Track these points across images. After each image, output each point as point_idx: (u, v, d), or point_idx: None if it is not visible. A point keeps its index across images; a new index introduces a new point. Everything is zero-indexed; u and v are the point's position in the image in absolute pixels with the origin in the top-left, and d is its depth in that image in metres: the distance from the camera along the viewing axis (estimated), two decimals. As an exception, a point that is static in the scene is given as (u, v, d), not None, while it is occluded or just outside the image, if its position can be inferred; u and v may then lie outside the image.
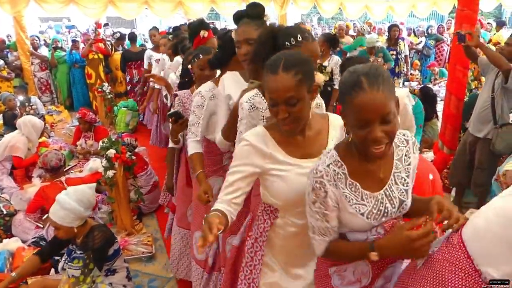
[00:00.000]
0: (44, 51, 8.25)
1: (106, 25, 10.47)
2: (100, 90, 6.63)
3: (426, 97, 4.82)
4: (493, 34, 8.93)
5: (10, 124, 5.33)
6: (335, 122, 1.58)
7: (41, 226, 3.41)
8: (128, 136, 4.41)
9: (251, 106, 1.74)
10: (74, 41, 8.16)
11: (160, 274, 3.13)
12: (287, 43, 1.66)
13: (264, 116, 1.76)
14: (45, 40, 9.28)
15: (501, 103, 3.40)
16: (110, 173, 3.34)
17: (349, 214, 1.29)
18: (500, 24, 9.64)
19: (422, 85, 6.82)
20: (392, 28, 7.15)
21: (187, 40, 3.67)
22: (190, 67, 2.58)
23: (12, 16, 7.30)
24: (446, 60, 8.73)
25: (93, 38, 7.62)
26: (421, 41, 9.15)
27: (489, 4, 10.69)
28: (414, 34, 9.97)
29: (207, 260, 2.38)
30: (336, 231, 1.34)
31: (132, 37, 7.35)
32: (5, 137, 4.41)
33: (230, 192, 1.45)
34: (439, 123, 4.93)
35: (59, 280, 2.51)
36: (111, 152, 3.35)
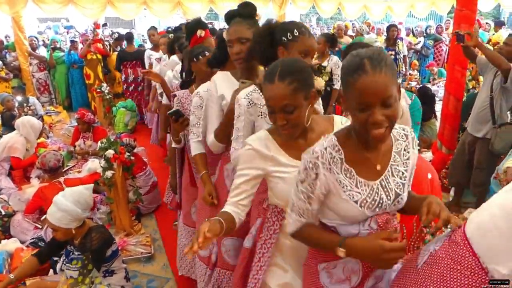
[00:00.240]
0: (43, 52, 8.23)
1: (104, 25, 10.48)
2: (98, 90, 6.63)
3: (425, 97, 4.82)
4: (492, 34, 8.93)
5: (8, 125, 5.33)
6: (340, 123, 1.59)
7: (40, 227, 3.41)
8: (127, 136, 4.40)
9: (249, 102, 1.75)
10: (73, 41, 8.16)
11: (159, 274, 3.12)
12: (284, 38, 1.67)
13: (262, 112, 1.76)
14: (43, 41, 9.27)
15: (500, 103, 3.40)
16: (109, 173, 3.33)
17: (342, 201, 1.27)
18: (499, 24, 9.64)
19: (421, 85, 6.83)
20: (391, 28, 7.15)
21: (183, 39, 3.67)
22: (192, 65, 2.57)
23: (10, 16, 7.29)
24: (445, 60, 8.75)
25: (91, 39, 7.61)
26: (420, 41, 9.16)
27: (487, 4, 10.70)
28: (413, 34, 9.99)
29: (211, 257, 2.38)
30: (314, 215, 1.35)
31: (129, 37, 7.34)
32: (3, 137, 4.41)
33: (237, 194, 1.52)
34: (438, 123, 4.94)
35: (58, 281, 2.51)
36: (110, 152, 3.35)
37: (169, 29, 6.22)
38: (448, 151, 4.30)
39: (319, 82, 1.54)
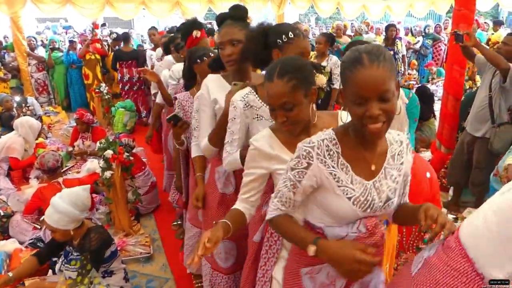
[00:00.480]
0: (41, 52, 8.23)
1: (103, 25, 10.45)
2: (97, 90, 6.63)
3: (424, 96, 4.83)
4: (491, 34, 8.93)
5: (7, 125, 5.33)
6: (346, 119, 1.59)
7: (39, 227, 3.40)
8: (125, 136, 4.39)
9: (245, 104, 1.74)
10: (71, 41, 8.14)
11: (158, 274, 3.12)
12: (279, 40, 1.67)
13: (258, 114, 1.75)
14: (42, 41, 9.25)
15: (499, 102, 3.40)
16: (108, 173, 3.33)
17: (335, 196, 1.26)
18: (498, 24, 9.65)
19: (420, 85, 6.84)
20: (389, 28, 7.16)
21: (179, 39, 3.66)
22: (195, 66, 2.57)
23: (9, 16, 7.28)
24: (444, 59, 8.75)
25: (90, 39, 7.61)
26: (419, 40, 9.17)
27: (486, 3, 10.71)
28: (412, 33, 9.99)
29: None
30: (295, 207, 1.36)
31: (125, 37, 7.35)
32: (2, 138, 4.40)
33: (246, 192, 1.56)
34: (437, 122, 4.94)
35: (56, 282, 2.50)
36: (109, 152, 3.35)
37: (168, 29, 6.22)
38: (447, 150, 4.30)
39: (321, 79, 1.53)
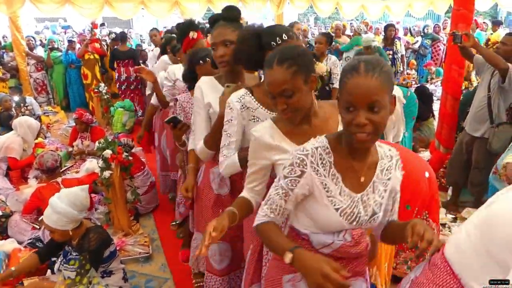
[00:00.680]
0: (40, 52, 8.22)
1: (102, 25, 10.45)
2: (96, 90, 6.61)
3: (423, 96, 4.84)
4: (490, 34, 8.94)
5: (6, 125, 5.32)
6: None
7: (38, 227, 3.39)
8: (124, 136, 4.39)
9: (242, 105, 1.73)
10: (70, 41, 8.12)
11: (157, 274, 3.11)
12: (272, 42, 1.66)
13: (254, 115, 1.74)
14: (41, 41, 9.24)
15: (497, 102, 3.40)
16: (107, 173, 3.32)
17: (323, 206, 1.26)
18: (496, 24, 9.66)
19: (419, 85, 6.84)
20: (388, 28, 7.17)
21: (175, 40, 3.64)
22: (197, 68, 2.55)
23: (7, 16, 7.27)
24: (443, 59, 8.76)
25: (89, 39, 7.60)
26: (417, 40, 9.18)
27: (484, 3, 10.72)
28: (411, 33, 10.00)
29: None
30: (284, 215, 1.34)
31: (122, 37, 7.35)
32: (0, 138, 4.39)
33: (250, 182, 1.59)
34: (436, 122, 4.95)
35: (55, 282, 2.50)
36: (108, 152, 3.34)
37: (167, 30, 6.22)
38: (446, 150, 4.30)
39: (321, 68, 1.52)
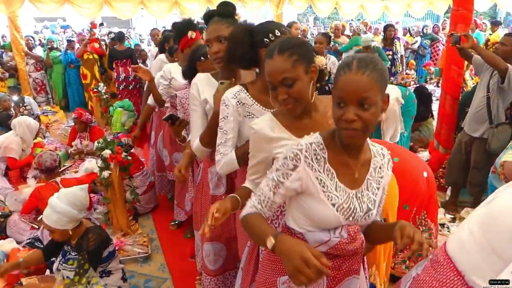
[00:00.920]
0: (39, 51, 8.21)
1: (101, 25, 10.45)
2: (95, 90, 6.61)
3: (422, 96, 4.84)
4: (489, 34, 8.95)
5: (5, 125, 5.31)
6: None
7: (36, 227, 3.39)
8: (124, 136, 4.39)
9: (237, 101, 1.72)
10: (69, 41, 8.13)
11: (156, 274, 3.11)
12: (266, 39, 1.66)
13: (250, 112, 1.74)
14: (40, 40, 9.23)
15: (497, 103, 3.40)
16: (106, 173, 3.32)
17: (319, 202, 1.25)
18: (495, 24, 9.67)
19: (418, 85, 6.84)
20: (388, 28, 7.16)
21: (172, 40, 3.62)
22: (198, 64, 2.53)
23: (6, 16, 7.26)
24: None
25: (88, 38, 7.60)
26: (417, 40, 9.19)
27: (484, 4, 10.73)
28: (410, 33, 10.01)
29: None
30: (271, 210, 1.32)
31: (120, 37, 7.36)
32: (-1, 137, 4.39)
33: (252, 174, 1.60)
34: (435, 122, 4.95)
35: (54, 282, 2.50)
36: (107, 152, 3.34)
37: (166, 30, 6.22)
38: (445, 150, 4.31)
39: (321, 60, 1.52)
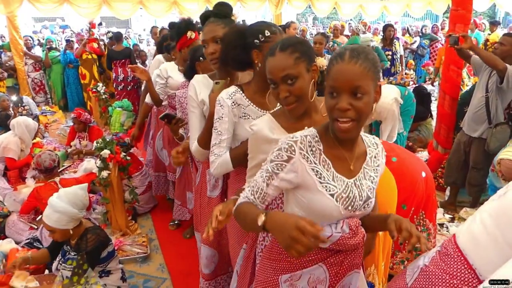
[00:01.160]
0: (38, 51, 8.20)
1: (100, 24, 10.44)
2: (94, 90, 6.60)
3: (421, 96, 4.84)
4: (488, 34, 8.96)
5: (3, 125, 5.30)
6: None
7: (35, 227, 3.39)
8: (125, 136, 4.38)
9: (233, 102, 1.71)
10: (68, 41, 8.12)
11: (155, 274, 3.11)
12: (256, 41, 1.65)
13: (245, 113, 1.73)
14: (38, 40, 9.22)
15: (495, 103, 3.40)
16: (105, 173, 3.32)
17: (317, 193, 1.24)
18: (494, 24, 9.68)
19: (417, 85, 6.84)
20: (387, 28, 7.14)
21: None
22: (197, 64, 2.54)
23: (5, 16, 7.25)
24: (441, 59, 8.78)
25: (87, 38, 7.59)
26: (416, 40, 9.19)
27: (483, 4, 10.74)
28: (409, 33, 10.01)
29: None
30: (264, 202, 1.29)
31: (117, 37, 7.36)
32: (-2, 138, 4.38)
33: (251, 176, 1.56)
34: (434, 122, 4.95)
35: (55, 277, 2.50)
36: (106, 152, 3.33)
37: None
38: (444, 150, 4.31)
39: (321, 61, 1.52)
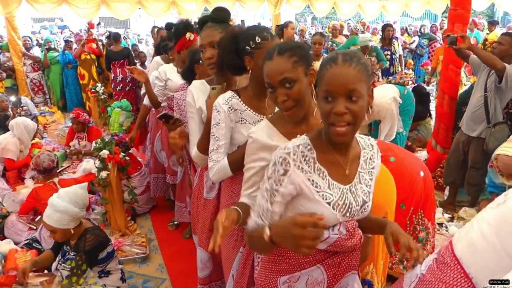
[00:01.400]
0: (36, 52, 8.18)
1: (98, 25, 10.42)
2: (93, 90, 6.60)
3: (420, 96, 4.84)
4: (486, 34, 8.97)
5: (2, 126, 5.29)
6: None
7: (34, 228, 3.38)
8: (125, 136, 4.38)
9: (229, 107, 1.70)
10: (67, 41, 8.11)
11: (155, 275, 3.11)
12: (247, 47, 1.63)
13: (242, 118, 1.72)
14: (37, 40, 9.21)
15: (494, 102, 3.41)
16: (104, 174, 3.32)
17: (314, 202, 1.23)
18: (493, 24, 9.69)
19: (416, 84, 6.85)
20: (386, 28, 7.13)
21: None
22: (196, 67, 2.54)
23: (3, 16, 7.24)
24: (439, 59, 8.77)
25: (85, 39, 7.58)
26: (414, 40, 9.19)
27: (481, 3, 10.75)
28: (407, 33, 10.01)
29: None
30: (273, 219, 1.30)
31: (115, 37, 7.35)
32: (-3, 138, 4.38)
33: (249, 187, 1.53)
34: (433, 122, 4.95)
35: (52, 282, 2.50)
36: (105, 153, 3.33)
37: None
38: (443, 150, 4.31)
39: (318, 66, 1.53)
